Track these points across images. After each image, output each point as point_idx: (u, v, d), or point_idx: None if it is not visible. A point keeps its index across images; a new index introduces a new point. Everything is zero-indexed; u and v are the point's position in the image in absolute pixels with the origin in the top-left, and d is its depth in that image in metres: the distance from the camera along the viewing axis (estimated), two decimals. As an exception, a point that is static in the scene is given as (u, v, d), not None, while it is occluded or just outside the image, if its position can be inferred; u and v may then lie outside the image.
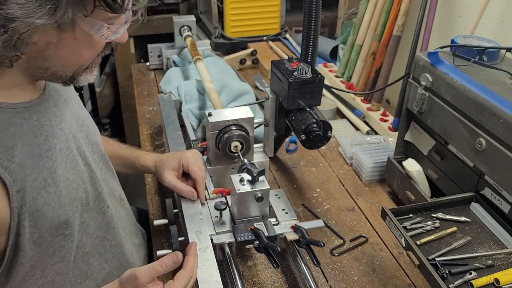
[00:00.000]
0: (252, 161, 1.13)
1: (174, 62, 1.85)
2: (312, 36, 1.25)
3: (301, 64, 1.12)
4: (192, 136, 1.30)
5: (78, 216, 0.85)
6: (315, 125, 1.08)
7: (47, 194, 0.77)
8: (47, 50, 0.71)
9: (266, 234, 0.98)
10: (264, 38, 2.25)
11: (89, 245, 0.90)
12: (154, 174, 1.14)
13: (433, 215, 0.98)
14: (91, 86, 2.86)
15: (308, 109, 1.10)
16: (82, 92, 2.78)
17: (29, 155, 0.75)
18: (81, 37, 0.70)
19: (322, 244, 0.94)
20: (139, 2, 0.73)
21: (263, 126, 1.29)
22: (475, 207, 0.99)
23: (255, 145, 1.27)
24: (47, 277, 0.84)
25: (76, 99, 0.96)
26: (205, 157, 1.23)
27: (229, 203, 1.07)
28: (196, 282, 0.87)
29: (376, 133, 1.56)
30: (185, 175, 1.08)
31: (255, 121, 1.18)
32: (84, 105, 1.17)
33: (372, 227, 1.19)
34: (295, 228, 1.01)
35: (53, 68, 0.74)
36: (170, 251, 0.99)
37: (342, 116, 1.69)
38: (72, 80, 0.79)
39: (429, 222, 0.95)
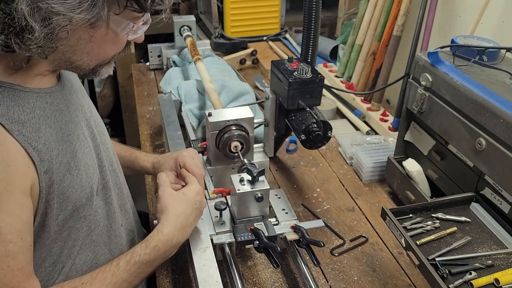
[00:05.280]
0: (252, 161, 1.13)
1: (174, 62, 1.85)
2: (312, 36, 1.25)
3: (301, 64, 1.12)
4: (192, 136, 1.30)
5: (94, 199, 0.89)
6: (315, 125, 1.08)
7: (71, 177, 0.81)
8: (77, 45, 0.75)
9: (266, 234, 0.98)
10: (264, 38, 2.25)
11: (97, 232, 0.92)
12: (153, 175, 1.15)
13: (433, 215, 0.98)
14: (91, 86, 2.86)
15: (308, 109, 1.10)
16: (82, 91, 2.78)
17: (53, 138, 0.79)
18: (109, 34, 0.75)
19: (322, 244, 0.94)
20: (165, 3, 0.77)
21: (263, 126, 1.29)
22: (475, 207, 0.99)
23: (255, 145, 1.27)
24: (62, 263, 0.86)
25: (84, 91, 0.99)
26: (205, 157, 1.23)
27: (229, 203, 1.07)
28: (196, 282, 0.87)
29: (376, 133, 1.56)
30: None
31: (255, 121, 1.18)
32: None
33: (372, 227, 1.19)
34: (295, 228, 1.01)
35: (79, 61, 0.78)
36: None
37: (342, 116, 1.69)
38: (94, 72, 0.83)
39: (429, 222, 0.95)
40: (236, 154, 1.15)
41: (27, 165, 0.74)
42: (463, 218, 0.96)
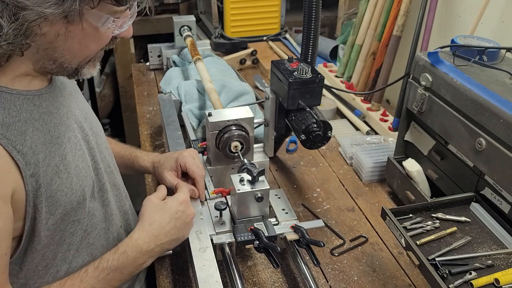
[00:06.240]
0: (252, 161, 1.13)
1: (174, 62, 1.85)
2: (312, 36, 1.25)
3: (301, 64, 1.12)
4: (192, 136, 1.30)
5: (87, 203, 0.87)
6: (315, 125, 1.08)
7: (60, 180, 0.80)
8: (56, 41, 0.73)
9: (266, 234, 0.98)
10: (264, 38, 2.25)
11: (93, 235, 0.92)
12: (152, 174, 1.15)
13: (433, 215, 0.98)
14: (91, 86, 2.87)
15: (308, 109, 1.10)
16: (82, 92, 2.76)
17: (41, 141, 0.78)
18: (88, 29, 0.73)
19: (322, 244, 0.94)
20: None
21: (263, 126, 1.29)
22: (475, 207, 0.99)
23: (255, 145, 1.27)
24: (56, 266, 0.86)
25: (79, 93, 0.98)
26: (205, 157, 1.23)
27: (229, 203, 1.07)
28: (196, 282, 0.87)
29: (376, 133, 1.56)
30: (185, 175, 1.09)
31: (255, 121, 1.18)
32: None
33: (372, 227, 1.19)
34: (295, 228, 1.01)
35: (61, 59, 0.77)
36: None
37: (342, 116, 1.69)
38: (76, 73, 0.82)
39: (429, 222, 0.95)
40: (236, 154, 1.15)
41: (8, 170, 0.72)
42: (463, 218, 0.96)
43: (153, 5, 0.81)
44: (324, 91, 1.75)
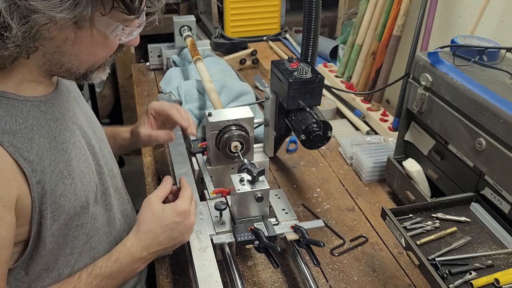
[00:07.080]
0: (252, 161, 1.13)
1: (174, 62, 1.85)
2: (312, 36, 1.25)
3: (301, 64, 1.12)
4: (192, 136, 1.30)
5: (90, 207, 0.87)
6: (315, 125, 1.08)
7: (64, 186, 0.80)
8: (64, 46, 0.73)
9: (266, 234, 0.98)
10: (264, 38, 2.25)
11: (96, 239, 0.91)
12: (134, 142, 1.17)
13: (433, 215, 0.98)
14: (91, 86, 2.87)
15: (308, 109, 1.10)
16: (82, 92, 2.77)
17: (46, 147, 0.77)
18: (96, 36, 0.73)
19: (322, 244, 0.94)
20: (155, 6, 0.75)
21: (263, 126, 1.29)
22: (475, 207, 0.99)
23: (255, 145, 1.27)
24: (58, 270, 0.86)
25: (82, 97, 0.98)
26: (205, 157, 1.23)
27: (229, 203, 1.07)
28: (196, 282, 0.87)
29: (376, 133, 1.56)
30: (164, 125, 1.16)
31: (255, 121, 1.18)
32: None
33: (372, 227, 1.19)
34: (295, 228, 1.01)
35: (68, 64, 0.76)
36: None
37: (342, 116, 1.69)
38: (85, 77, 0.81)
39: (429, 222, 0.95)
40: (236, 154, 1.15)
41: (13, 177, 0.72)
42: (463, 218, 0.97)
43: (163, 17, 0.81)
44: (324, 91, 1.75)
